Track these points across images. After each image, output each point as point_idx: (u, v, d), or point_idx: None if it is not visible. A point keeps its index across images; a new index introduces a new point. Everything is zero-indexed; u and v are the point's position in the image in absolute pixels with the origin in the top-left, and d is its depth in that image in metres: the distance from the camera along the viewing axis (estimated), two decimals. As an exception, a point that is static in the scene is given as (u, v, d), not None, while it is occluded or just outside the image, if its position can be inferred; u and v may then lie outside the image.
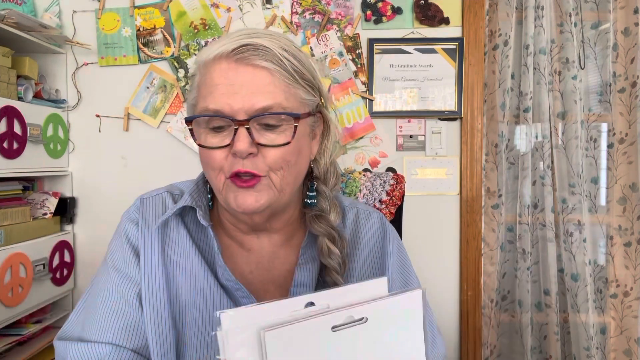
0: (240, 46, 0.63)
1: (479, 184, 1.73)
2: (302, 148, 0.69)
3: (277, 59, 0.64)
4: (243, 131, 0.62)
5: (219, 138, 0.65)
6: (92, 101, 1.73)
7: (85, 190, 1.74)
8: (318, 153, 0.75)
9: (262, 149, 0.64)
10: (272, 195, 0.66)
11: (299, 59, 0.67)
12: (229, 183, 0.66)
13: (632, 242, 1.77)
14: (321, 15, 1.72)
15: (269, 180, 0.65)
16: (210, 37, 1.72)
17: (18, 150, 1.43)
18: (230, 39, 0.65)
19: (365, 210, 0.83)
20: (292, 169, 0.67)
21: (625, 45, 1.77)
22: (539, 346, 1.81)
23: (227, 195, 0.66)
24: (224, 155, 0.65)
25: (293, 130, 0.65)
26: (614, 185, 1.79)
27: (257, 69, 0.63)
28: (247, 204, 0.65)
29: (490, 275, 1.79)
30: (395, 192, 1.15)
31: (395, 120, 1.74)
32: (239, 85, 0.63)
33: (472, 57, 1.72)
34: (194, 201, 0.72)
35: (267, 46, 0.64)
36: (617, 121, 1.78)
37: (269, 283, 0.72)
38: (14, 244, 1.42)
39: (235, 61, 0.64)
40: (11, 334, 1.43)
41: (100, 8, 1.71)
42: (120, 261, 0.72)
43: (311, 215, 0.73)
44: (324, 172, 0.75)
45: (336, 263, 0.70)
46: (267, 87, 0.63)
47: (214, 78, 0.64)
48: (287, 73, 0.65)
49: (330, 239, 0.71)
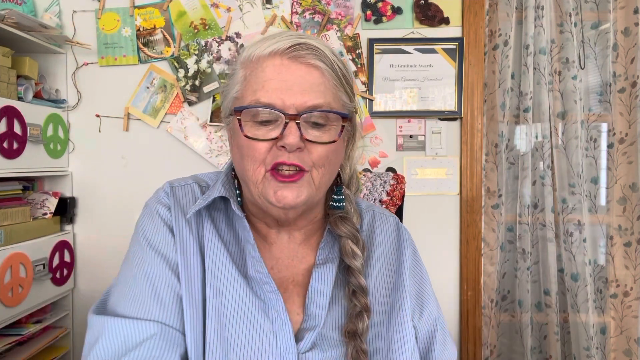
0: (295, 44, 0.65)
1: (479, 184, 1.73)
2: (340, 149, 0.70)
3: (328, 60, 0.66)
4: (293, 125, 0.63)
5: (264, 131, 0.65)
6: (92, 101, 1.73)
7: (85, 190, 1.74)
8: (344, 159, 0.76)
9: (308, 144, 0.65)
10: (311, 192, 0.67)
11: (345, 65, 0.70)
12: (269, 176, 0.65)
13: (632, 242, 1.77)
14: (321, 15, 1.72)
15: (310, 177, 0.66)
16: (210, 37, 1.72)
17: (18, 150, 1.43)
18: (282, 37, 0.66)
19: (382, 214, 0.83)
20: (330, 168, 0.68)
21: (625, 45, 1.77)
22: (539, 346, 1.81)
23: (266, 189, 0.66)
24: (267, 147, 0.65)
25: (340, 130, 0.67)
26: (614, 185, 1.79)
27: (310, 68, 0.65)
28: (288, 199, 0.65)
29: (490, 275, 1.79)
30: (396, 192, 1.15)
31: (395, 120, 1.74)
32: (292, 81, 0.64)
33: (472, 57, 1.72)
34: (227, 192, 0.72)
35: (319, 47, 0.66)
36: (617, 121, 1.78)
37: (288, 281, 0.73)
38: (14, 244, 1.42)
39: (289, 58, 0.65)
40: (11, 334, 1.43)
41: (100, 8, 1.71)
42: (158, 241, 0.70)
43: (337, 216, 0.74)
44: (349, 177, 0.77)
45: (360, 264, 0.71)
46: (318, 87, 0.65)
47: (266, 73, 0.65)
48: (335, 75, 0.67)
49: (354, 241, 0.72)
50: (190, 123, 1.72)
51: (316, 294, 0.70)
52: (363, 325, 0.68)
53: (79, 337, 1.73)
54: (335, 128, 0.66)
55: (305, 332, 0.67)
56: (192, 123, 1.73)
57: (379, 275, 0.76)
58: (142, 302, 0.66)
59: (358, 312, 0.69)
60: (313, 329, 0.68)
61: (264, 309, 0.67)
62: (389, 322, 0.72)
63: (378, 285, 0.75)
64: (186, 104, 1.73)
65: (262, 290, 0.68)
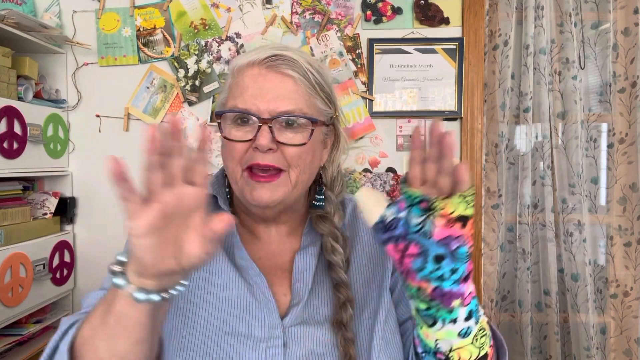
0: (271, 55, 0.72)
1: (479, 184, 1.73)
2: (315, 151, 0.76)
3: (302, 69, 0.72)
4: (266, 128, 0.70)
5: (242, 132, 0.72)
6: (92, 101, 1.73)
7: (85, 190, 1.74)
8: (327, 162, 0.82)
9: (281, 146, 0.72)
10: (286, 191, 0.73)
11: (321, 73, 0.75)
12: (246, 176, 0.72)
13: (632, 242, 1.77)
14: (321, 15, 1.72)
15: (287, 176, 0.73)
16: (210, 37, 1.72)
17: (18, 150, 1.43)
18: (262, 49, 0.74)
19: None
20: (307, 168, 0.74)
21: (625, 45, 1.77)
22: (539, 346, 1.81)
23: (244, 188, 0.73)
24: (244, 148, 0.72)
25: (310, 133, 0.73)
26: (614, 185, 1.79)
27: (284, 76, 0.72)
28: (263, 198, 0.72)
29: (490, 275, 1.79)
30: (396, 192, 1.15)
31: (395, 120, 1.74)
32: (266, 89, 0.71)
33: (472, 57, 1.72)
34: (215, 191, 0.80)
35: (294, 58, 0.72)
36: (617, 121, 1.78)
37: (276, 268, 0.79)
38: (14, 244, 1.42)
39: (266, 68, 0.72)
40: (11, 334, 1.43)
41: (100, 8, 1.71)
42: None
43: (316, 215, 0.80)
44: (331, 179, 0.83)
45: (339, 260, 0.76)
46: (291, 94, 0.72)
47: (245, 81, 0.72)
48: (309, 83, 0.73)
49: (334, 238, 0.78)
50: (190, 123, 1.73)
51: (299, 274, 0.77)
52: (347, 315, 0.73)
53: (79, 337, 1.73)
54: (307, 131, 0.73)
55: (291, 309, 0.74)
56: (192, 123, 1.73)
57: (362, 263, 0.81)
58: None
59: (342, 303, 0.74)
60: (297, 304, 0.74)
61: (252, 292, 0.74)
62: (371, 307, 0.77)
63: (361, 273, 0.80)
64: (186, 104, 1.73)
65: (249, 275, 0.75)
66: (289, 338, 0.72)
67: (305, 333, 0.73)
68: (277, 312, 0.73)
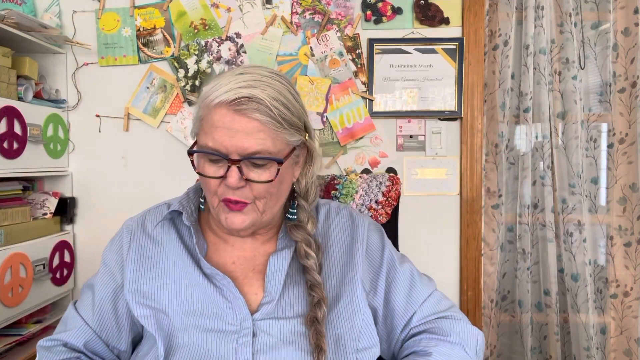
0: (239, 97, 0.75)
1: (479, 184, 1.73)
2: (284, 179, 0.82)
3: (268, 110, 0.76)
4: (234, 169, 0.76)
5: (215, 168, 0.79)
6: (92, 101, 1.73)
7: (85, 190, 1.74)
8: (301, 175, 0.89)
9: (249, 182, 0.78)
10: (255, 217, 0.81)
11: (288, 107, 0.79)
12: (222, 205, 0.80)
13: (632, 242, 1.77)
14: (321, 15, 1.72)
15: (254, 206, 0.80)
16: (210, 37, 1.72)
17: (18, 150, 1.43)
18: (232, 85, 0.77)
19: (336, 207, 0.96)
20: (273, 197, 0.82)
21: (625, 45, 1.77)
22: (539, 346, 1.81)
23: (220, 214, 0.81)
24: (217, 182, 0.79)
25: (276, 172, 0.78)
26: (614, 185, 1.79)
27: (250, 120, 0.76)
28: (235, 224, 0.80)
29: (490, 275, 1.79)
30: (391, 193, 1.16)
31: (395, 121, 1.74)
32: (234, 130, 0.76)
33: (472, 57, 1.72)
34: (181, 207, 0.87)
35: (261, 98, 0.76)
36: (617, 121, 1.78)
37: (249, 270, 0.86)
38: (14, 244, 1.42)
39: (234, 111, 0.76)
40: (11, 334, 1.43)
41: (100, 8, 1.71)
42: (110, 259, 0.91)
43: (291, 225, 0.87)
44: (304, 190, 0.90)
45: (313, 263, 0.83)
46: (258, 134, 0.76)
47: (214, 120, 0.77)
48: (275, 122, 0.77)
49: (307, 244, 0.84)
50: (190, 123, 1.72)
51: (272, 274, 0.83)
52: (321, 312, 0.80)
53: (79, 337, 1.73)
54: (274, 168, 0.78)
55: (262, 306, 0.81)
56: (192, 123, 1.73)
57: (333, 263, 0.88)
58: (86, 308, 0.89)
59: (316, 302, 0.81)
60: (269, 302, 0.81)
61: (223, 294, 0.81)
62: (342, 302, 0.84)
63: (332, 272, 0.87)
64: (186, 104, 1.73)
65: (217, 280, 0.82)
66: (258, 329, 0.79)
67: (275, 326, 0.80)
68: (247, 308, 0.80)
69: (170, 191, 0.90)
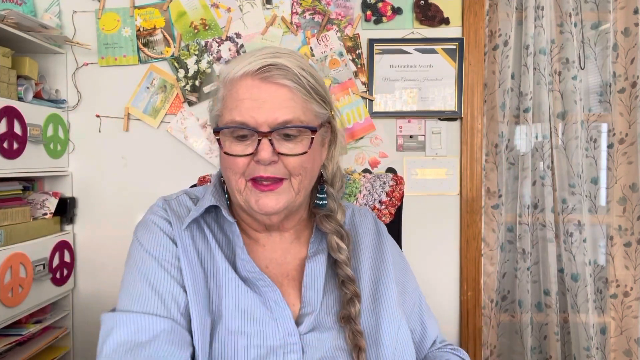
0: (264, 65, 0.70)
1: (479, 184, 1.73)
2: (316, 156, 0.77)
3: (296, 77, 0.72)
4: (266, 142, 0.70)
5: (243, 146, 0.72)
6: (92, 101, 1.73)
7: (85, 190, 1.74)
8: (326, 159, 0.83)
9: (282, 157, 0.72)
10: (290, 197, 0.74)
11: (314, 77, 0.75)
12: (250, 186, 0.73)
13: (632, 242, 1.77)
14: (321, 15, 1.72)
15: (290, 184, 0.74)
16: (210, 37, 1.72)
17: (18, 150, 1.43)
18: (254, 57, 0.72)
19: (360, 210, 0.92)
20: (308, 174, 0.75)
21: (625, 45, 1.77)
22: (539, 346, 1.81)
23: (249, 198, 0.74)
24: (246, 161, 0.72)
25: (310, 141, 0.73)
26: (614, 185, 1.79)
27: (279, 87, 0.71)
28: (269, 207, 0.73)
29: (490, 275, 1.79)
30: (395, 193, 1.15)
31: (395, 121, 1.74)
32: (262, 100, 0.70)
33: (472, 58, 1.72)
34: (217, 201, 0.79)
35: (287, 66, 0.71)
36: (617, 121, 1.78)
37: (283, 277, 0.80)
38: (14, 244, 1.42)
39: (260, 79, 0.71)
40: (11, 334, 1.43)
41: (100, 8, 1.71)
42: (160, 253, 0.74)
43: (321, 215, 0.81)
44: (331, 176, 0.85)
45: (345, 257, 0.78)
46: (287, 102, 0.71)
47: (240, 93, 0.71)
48: (304, 90, 0.72)
49: (339, 236, 0.79)
50: (190, 123, 1.73)
51: (311, 282, 0.77)
52: (355, 309, 0.75)
53: (79, 337, 1.72)
54: (307, 139, 0.73)
55: (304, 317, 0.75)
56: (192, 123, 1.73)
57: (366, 263, 0.84)
58: (149, 303, 0.70)
59: (349, 298, 0.76)
60: (311, 313, 0.75)
61: (262, 302, 0.74)
62: (376, 304, 0.80)
63: (365, 273, 0.83)
64: (186, 104, 1.73)
65: (258, 287, 0.75)
66: (305, 345, 0.73)
67: (318, 339, 0.74)
68: (293, 320, 0.74)
69: (170, 191, 0.88)
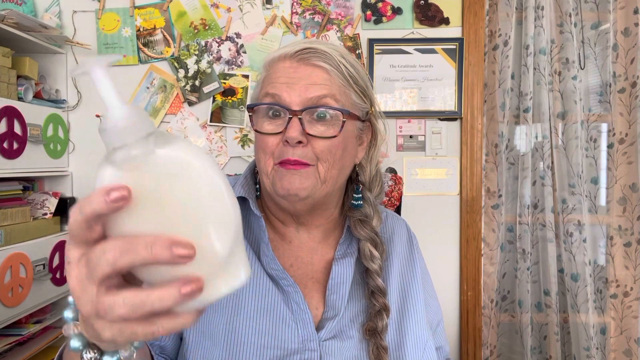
0: (302, 49, 0.71)
1: (479, 184, 1.73)
2: (348, 145, 0.73)
3: (334, 62, 0.71)
4: (295, 120, 0.68)
5: (274, 125, 0.70)
6: (92, 101, 1.73)
7: (85, 190, 1.74)
8: (364, 159, 0.81)
9: (311, 139, 0.69)
10: (315, 183, 0.70)
11: (355, 67, 0.73)
12: (277, 168, 0.70)
13: (632, 242, 1.77)
14: (321, 15, 1.72)
15: (315, 170, 0.70)
16: (210, 37, 1.72)
17: (18, 150, 1.43)
18: (296, 43, 0.73)
19: (394, 216, 0.89)
20: (337, 163, 0.71)
21: (625, 45, 1.77)
22: (539, 346, 1.81)
23: (275, 179, 0.70)
24: (276, 141, 0.70)
25: (341, 125, 0.70)
26: (614, 185, 1.79)
27: (315, 68, 0.70)
28: (294, 185, 0.69)
29: (490, 275, 1.79)
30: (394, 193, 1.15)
31: (395, 121, 1.74)
32: (297, 78, 0.69)
33: (472, 58, 1.72)
34: (245, 192, 0.76)
35: (326, 51, 0.71)
36: (617, 121, 1.78)
37: (308, 278, 0.76)
38: (14, 244, 1.42)
39: (297, 61, 0.70)
40: (11, 334, 1.43)
41: (100, 8, 1.71)
42: None
43: (356, 219, 0.77)
44: (369, 178, 0.81)
45: (378, 266, 0.75)
46: (323, 81, 0.70)
47: (277, 74, 0.71)
48: (342, 75, 0.71)
49: (373, 244, 0.76)
50: (190, 123, 1.73)
51: (336, 286, 0.73)
52: (382, 323, 0.72)
53: (79, 337, 1.72)
54: (338, 124, 0.70)
55: (326, 322, 0.71)
56: (192, 123, 1.73)
57: (395, 273, 0.80)
58: None
59: (377, 311, 0.72)
60: (333, 318, 0.71)
61: (285, 301, 0.71)
62: (402, 320, 0.76)
63: (394, 283, 0.79)
64: (186, 104, 1.73)
65: (281, 285, 0.72)
66: (324, 351, 0.70)
67: (338, 347, 0.71)
68: (313, 325, 0.71)
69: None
